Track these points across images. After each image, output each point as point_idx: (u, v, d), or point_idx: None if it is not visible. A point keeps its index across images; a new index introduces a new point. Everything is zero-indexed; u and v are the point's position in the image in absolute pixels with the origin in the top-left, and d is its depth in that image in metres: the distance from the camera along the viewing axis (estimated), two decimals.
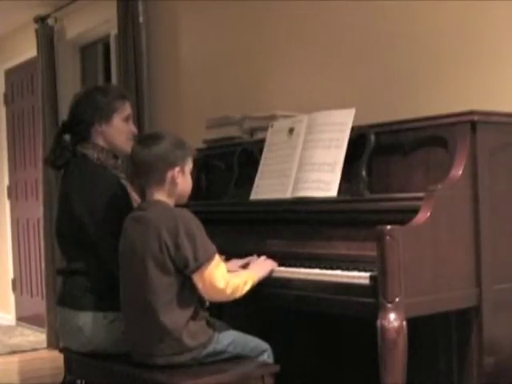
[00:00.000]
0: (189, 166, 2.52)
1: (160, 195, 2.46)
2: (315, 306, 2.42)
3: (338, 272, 2.36)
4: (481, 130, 2.36)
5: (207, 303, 2.49)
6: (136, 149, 2.48)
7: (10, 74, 6.72)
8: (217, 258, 2.38)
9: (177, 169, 2.46)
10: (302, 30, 3.58)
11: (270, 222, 2.88)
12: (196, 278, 2.36)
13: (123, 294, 2.47)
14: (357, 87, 3.29)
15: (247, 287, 2.44)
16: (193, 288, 2.38)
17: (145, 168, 2.45)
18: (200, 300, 2.43)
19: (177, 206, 2.51)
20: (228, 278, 2.39)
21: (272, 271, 2.56)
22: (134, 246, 2.41)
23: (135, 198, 2.76)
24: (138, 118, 4.37)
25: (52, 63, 5.70)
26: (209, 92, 4.20)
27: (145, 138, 2.54)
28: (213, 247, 2.39)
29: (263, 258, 2.65)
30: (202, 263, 2.34)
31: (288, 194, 2.78)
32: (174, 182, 2.46)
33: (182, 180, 2.48)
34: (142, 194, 2.57)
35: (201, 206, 3.17)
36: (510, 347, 2.42)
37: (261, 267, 2.58)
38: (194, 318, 2.39)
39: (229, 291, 2.39)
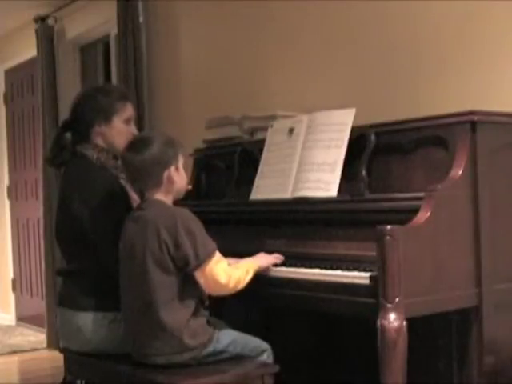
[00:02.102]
0: (181, 161, 2.52)
1: (159, 195, 2.47)
2: (315, 305, 2.43)
3: (338, 272, 2.36)
4: (481, 130, 2.36)
5: (207, 302, 2.49)
6: (128, 156, 2.48)
7: (9, 74, 6.72)
8: (217, 254, 2.39)
9: (172, 168, 2.47)
10: (302, 30, 3.58)
11: (270, 221, 2.88)
12: (198, 275, 2.37)
13: (123, 293, 2.47)
14: (357, 87, 3.29)
15: (249, 277, 2.45)
16: (193, 287, 2.38)
17: (140, 173, 2.46)
18: (200, 299, 2.44)
19: (175, 202, 2.52)
20: (229, 272, 2.40)
21: (275, 263, 2.56)
22: (134, 245, 2.41)
23: (134, 198, 2.75)
24: (138, 119, 4.37)
25: (52, 63, 5.69)
26: (209, 92, 4.20)
27: (134, 144, 2.51)
28: (213, 244, 2.39)
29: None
30: (202, 260, 2.34)
31: (288, 194, 2.78)
32: (171, 181, 2.47)
33: (178, 177, 2.49)
34: (142, 195, 2.57)
35: (201, 206, 3.17)
36: (510, 347, 2.42)
37: (262, 257, 2.58)
38: (194, 317, 2.39)
39: (231, 285, 2.40)
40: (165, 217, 2.39)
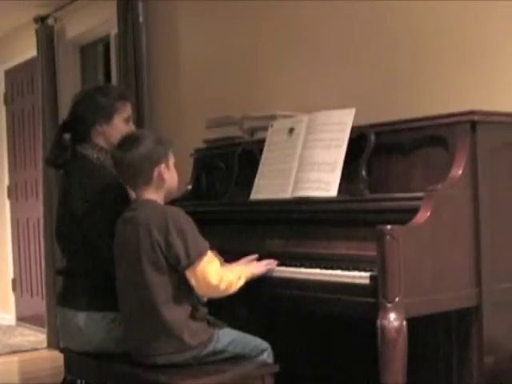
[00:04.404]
0: (172, 160, 2.53)
1: (149, 194, 2.47)
2: (315, 305, 2.43)
3: (338, 272, 2.36)
4: (481, 130, 2.36)
5: (205, 299, 2.49)
6: (117, 154, 2.49)
7: (10, 73, 6.72)
8: (209, 253, 2.39)
9: (162, 165, 2.47)
10: (302, 30, 3.58)
11: (270, 221, 2.88)
12: (189, 275, 2.36)
13: (121, 294, 2.48)
14: (357, 87, 3.28)
15: (241, 282, 2.44)
16: (189, 286, 2.38)
17: (130, 171, 2.46)
18: (197, 298, 2.43)
19: (171, 203, 2.52)
20: (221, 273, 2.39)
21: (269, 270, 2.55)
22: (128, 246, 2.42)
23: (134, 197, 2.75)
24: (138, 118, 4.37)
25: (52, 63, 5.70)
26: (209, 92, 4.20)
27: (124, 142, 2.51)
28: (205, 243, 2.39)
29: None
30: (193, 259, 2.34)
31: (288, 194, 2.78)
32: (161, 179, 2.47)
33: (169, 175, 2.50)
34: None
35: (201, 206, 3.18)
36: (509, 347, 2.42)
37: (256, 264, 2.58)
38: (193, 315, 2.39)
39: (222, 287, 2.39)
40: (156, 216, 2.39)
